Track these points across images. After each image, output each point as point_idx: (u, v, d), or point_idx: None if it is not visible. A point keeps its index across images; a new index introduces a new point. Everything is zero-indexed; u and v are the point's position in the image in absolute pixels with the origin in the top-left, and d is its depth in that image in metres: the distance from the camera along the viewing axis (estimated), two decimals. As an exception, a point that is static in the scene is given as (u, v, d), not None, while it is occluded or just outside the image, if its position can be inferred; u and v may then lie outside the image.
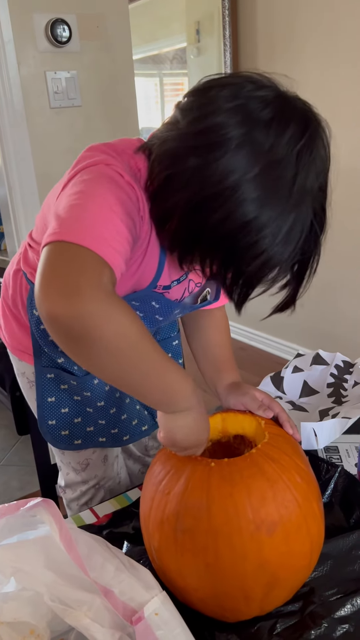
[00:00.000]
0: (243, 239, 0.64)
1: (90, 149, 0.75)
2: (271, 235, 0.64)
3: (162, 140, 0.69)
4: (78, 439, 1.05)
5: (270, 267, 0.68)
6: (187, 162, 0.64)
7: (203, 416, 0.72)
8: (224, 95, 0.64)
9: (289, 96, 0.66)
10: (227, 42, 2.82)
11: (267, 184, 0.62)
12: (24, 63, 1.85)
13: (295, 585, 0.70)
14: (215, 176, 0.63)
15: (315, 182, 0.65)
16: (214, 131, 0.63)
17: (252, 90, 0.64)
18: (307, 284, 0.74)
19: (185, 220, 0.67)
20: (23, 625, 0.59)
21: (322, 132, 0.67)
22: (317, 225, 0.68)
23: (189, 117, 0.66)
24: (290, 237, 0.65)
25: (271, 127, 0.62)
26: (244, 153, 0.62)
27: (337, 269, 2.62)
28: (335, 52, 2.38)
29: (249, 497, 0.65)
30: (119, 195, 0.67)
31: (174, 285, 0.87)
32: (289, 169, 0.63)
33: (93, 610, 0.58)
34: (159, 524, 0.69)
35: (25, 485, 2.17)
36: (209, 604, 0.68)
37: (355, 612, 0.69)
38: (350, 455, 1.04)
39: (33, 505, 0.63)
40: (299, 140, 0.63)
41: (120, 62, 2.09)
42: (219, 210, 0.63)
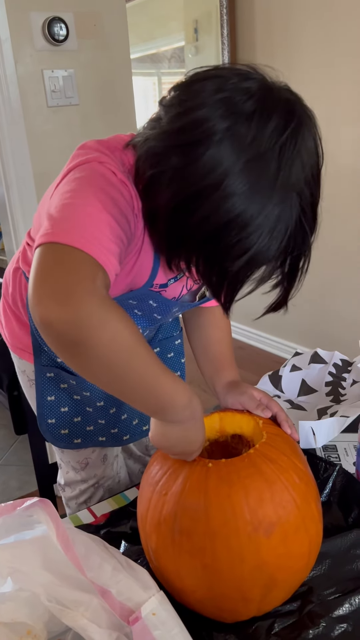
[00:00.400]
0: (226, 237, 0.63)
1: (82, 147, 0.75)
2: (255, 232, 0.62)
3: (144, 138, 0.68)
4: (78, 438, 1.04)
5: (255, 266, 0.66)
6: (169, 162, 0.63)
7: (196, 428, 0.69)
8: (208, 88, 0.63)
9: (274, 87, 0.64)
10: (225, 41, 2.81)
11: (249, 180, 0.61)
12: (21, 61, 1.85)
13: (293, 586, 0.70)
14: (197, 174, 0.61)
15: (301, 176, 0.63)
16: (195, 127, 0.61)
17: (237, 82, 0.63)
18: (299, 284, 0.72)
19: (169, 220, 0.67)
20: (20, 625, 0.58)
21: (309, 123, 0.65)
22: (306, 221, 0.66)
23: (171, 113, 0.65)
24: (275, 234, 0.63)
25: (253, 120, 0.60)
26: (225, 149, 0.60)
27: (336, 268, 2.61)
28: (333, 51, 2.38)
29: (246, 498, 0.64)
30: (112, 194, 0.67)
31: (171, 283, 0.87)
32: (272, 163, 0.61)
33: (90, 610, 0.58)
34: (156, 525, 0.68)
35: (24, 485, 2.17)
36: (207, 605, 0.68)
37: (353, 612, 0.69)
38: (349, 454, 1.04)
39: (30, 505, 0.63)
40: (282, 132, 0.61)
41: (117, 61, 2.08)
42: (202, 209, 0.62)
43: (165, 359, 1.14)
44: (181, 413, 0.67)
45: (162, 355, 1.14)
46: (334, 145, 2.46)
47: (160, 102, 0.68)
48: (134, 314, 0.88)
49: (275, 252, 0.65)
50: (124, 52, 2.11)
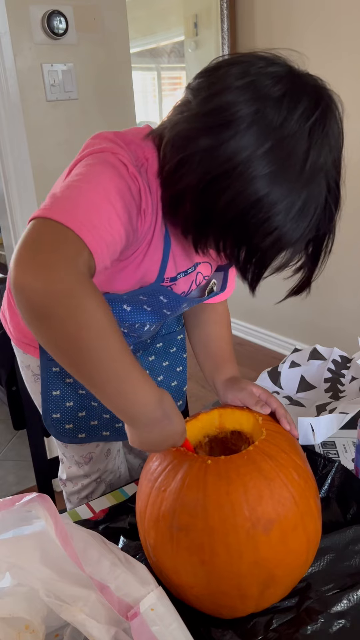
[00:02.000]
0: (255, 216, 0.64)
1: (97, 136, 0.75)
2: (284, 212, 0.63)
3: (173, 124, 0.69)
4: (82, 433, 1.05)
5: (283, 245, 0.67)
6: (199, 143, 0.64)
7: (172, 425, 0.68)
8: (234, 72, 0.64)
9: (300, 72, 0.66)
10: (225, 36, 2.80)
11: (278, 160, 0.62)
12: (20, 55, 1.84)
13: (291, 583, 0.70)
14: (226, 154, 0.62)
15: (329, 158, 0.65)
16: (225, 110, 0.62)
17: (263, 67, 0.64)
18: (323, 264, 0.73)
19: (197, 201, 0.67)
20: (18, 620, 0.58)
21: (335, 107, 0.66)
22: (332, 202, 0.67)
23: (200, 96, 0.66)
24: (303, 214, 0.64)
25: (282, 103, 0.62)
26: (254, 130, 0.62)
27: (335, 265, 2.61)
28: (334, 45, 2.37)
29: (245, 494, 0.64)
30: (119, 186, 0.67)
31: (180, 277, 0.87)
32: (300, 144, 0.62)
33: (88, 605, 0.58)
34: (154, 521, 0.68)
35: (22, 480, 2.17)
36: (205, 601, 0.68)
37: (351, 607, 0.69)
38: (348, 450, 1.04)
39: (28, 500, 0.63)
40: (311, 115, 0.63)
41: (117, 55, 2.07)
42: (230, 188, 0.63)
43: (168, 353, 1.15)
44: (153, 414, 0.66)
45: (165, 350, 1.14)
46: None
47: (188, 87, 0.69)
48: (144, 309, 0.87)
49: (303, 232, 0.66)
50: (124, 47, 2.10)
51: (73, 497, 1.13)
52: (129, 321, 0.88)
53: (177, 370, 1.16)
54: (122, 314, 0.87)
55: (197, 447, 0.83)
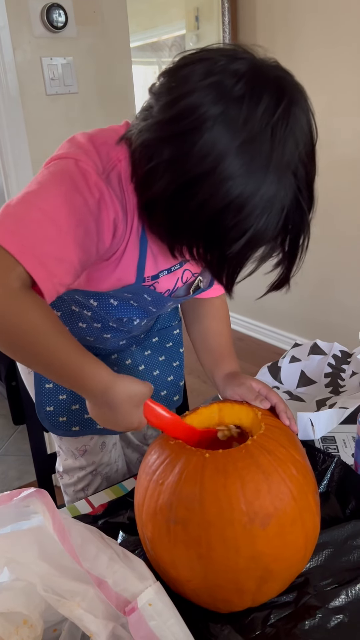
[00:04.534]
0: (224, 221, 0.63)
1: (71, 139, 0.75)
2: (252, 214, 0.63)
3: (138, 131, 0.68)
4: (76, 426, 1.05)
5: (254, 246, 0.67)
6: (163, 153, 0.63)
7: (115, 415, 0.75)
8: (196, 73, 0.62)
9: (263, 66, 0.64)
10: (227, 29, 2.78)
11: (244, 162, 0.61)
12: (20, 48, 1.83)
13: (289, 578, 0.70)
14: (192, 162, 0.61)
15: (295, 155, 0.63)
16: (186, 116, 0.61)
17: (226, 64, 0.62)
18: (300, 261, 0.72)
19: (166, 210, 0.67)
20: (16, 615, 0.58)
21: (300, 100, 0.64)
22: (302, 199, 0.66)
23: (161, 101, 0.64)
24: (271, 213, 0.63)
25: (244, 102, 0.60)
26: (218, 134, 0.60)
27: (336, 259, 2.60)
28: (335, 38, 2.36)
29: (242, 489, 0.64)
30: (73, 201, 0.68)
31: (163, 274, 0.86)
32: (264, 144, 0.61)
33: (86, 600, 0.58)
34: (152, 515, 0.68)
35: (23, 475, 2.17)
36: (202, 595, 0.68)
37: (349, 603, 0.69)
38: (347, 445, 1.04)
39: (26, 495, 0.63)
40: (274, 112, 0.61)
41: (117, 49, 2.06)
42: (199, 195, 0.62)
43: (164, 348, 1.14)
44: (98, 399, 0.75)
45: (161, 345, 1.14)
46: (334, 134, 2.44)
47: (150, 90, 0.67)
48: (130, 305, 0.88)
49: (273, 232, 0.66)
50: (124, 40, 2.08)
51: (69, 489, 1.13)
52: (116, 315, 0.88)
53: (174, 365, 1.16)
54: (109, 308, 0.88)
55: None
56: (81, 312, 0.92)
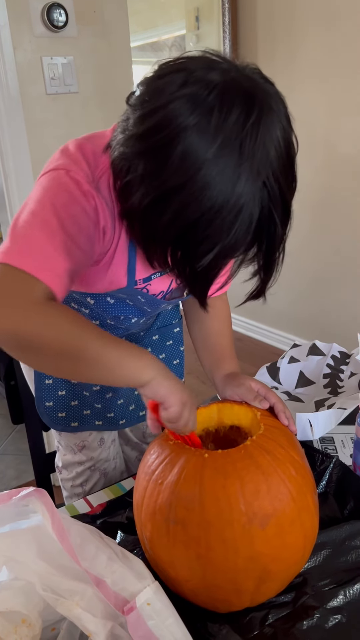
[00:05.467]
0: (193, 236, 0.64)
1: (62, 150, 0.77)
2: (220, 228, 0.62)
3: (116, 143, 0.68)
4: (75, 422, 1.06)
5: (223, 260, 0.67)
6: (138, 167, 0.64)
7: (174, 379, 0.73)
8: (173, 83, 0.61)
9: (238, 76, 0.62)
10: (227, 29, 2.78)
11: (212, 177, 0.60)
12: (20, 48, 1.82)
13: (287, 578, 0.70)
14: (164, 176, 0.62)
15: (267, 168, 0.62)
16: (160, 130, 0.61)
17: (202, 74, 0.61)
18: (276, 274, 0.72)
19: (142, 221, 0.68)
20: (15, 614, 0.58)
21: (272, 113, 0.62)
22: (276, 213, 0.65)
23: (136, 114, 0.64)
24: (239, 227, 0.63)
25: (213, 115, 0.59)
26: (189, 147, 0.60)
27: (335, 260, 2.61)
28: (336, 38, 2.36)
29: (242, 489, 0.64)
30: (71, 210, 0.70)
31: (155, 277, 0.87)
32: (233, 157, 0.60)
33: (85, 600, 0.58)
34: (151, 514, 0.68)
35: (22, 474, 2.17)
36: (200, 595, 0.68)
37: (347, 603, 0.69)
38: (346, 446, 1.04)
39: (25, 494, 0.63)
40: (244, 124, 0.60)
41: (117, 48, 2.06)
42: (170, 209, 0.63)
43: (164, 346, 1.15)
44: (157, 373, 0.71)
45: (161, 343, 1.14)
46: (335, 135, 2.45)
47: (127, 101, 0.68)
48: (126, 303, 0.89)
49: (242, 245, 0.66)
50: (124, 40, 2.08)
51: (67, 484, 1.14)
52: (113, 313, 0.90)
53: (174, 363, 1.17)
54: (105, 306, 0.89)
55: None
56: (79, 309, 0.93)
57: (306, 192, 2.62)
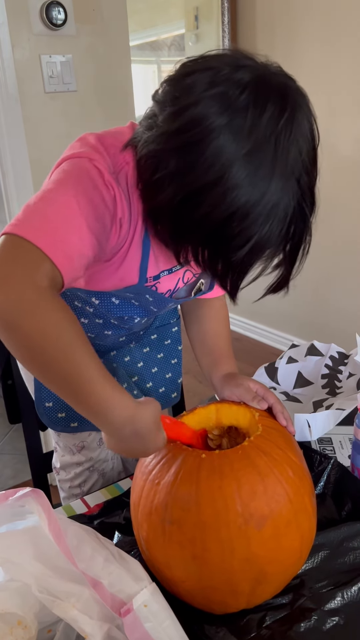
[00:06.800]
0: (229, 229, 0.64)
1: (81, 139, 0.76)
2: (256, 222, 0.63)
3: (143, 140, 0.68)
4: (75, 422, 1.05)
5: (258, 253, 0.68)
6: (168, 165, 0.64)
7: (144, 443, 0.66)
8: (200, 82, 0.62)
9: (266, 74, 0.64)
10: (226, 29, 2.78)
11: (248, 172, 0.62)
12: (18, 46, 1.82)
13: (284, 580, 0.69)
14: (197, 173, 0.62)
15: (299, 162, 0.64)
16: (193, 127, 0.61)
17: (229, 74, 0.62)
18: (300, 265, 0.73)
19: (172, 218, 0.68)
20: (10, 616, 0.58)
21: (303, 106, 0.65)
22: (305, 205, 0.67)
23: (166, 111, 0.65)
24: (275, 221, 0.64)
25: (248, 113, 0.61)
26: (224, 144, 0.61)
27: (334, 260, 2.61)
28: (335, 38, 2.36)
29: (238, 490, 0.64)
30: (92, 197, 0.68)
31: (163, 275, 0.87)
32: (268, 153, 0.62)
33: (81, 601, 0.57)
34: (147, 514, 0.68)
35: (18, 474, 2.17)
36: (196, 596, 0.68)
37: (345, 605, 0.69)
38: (344, 446, 1.04)
39: (22, 495, 0.62)
40: (278, 121, 0.61)
41: (116, 47, 2.05)
42: (204, 205, 0.63)
43: (163, 345, 1.15)
44: (120, 429, 0.64)
45: (159, 342, 1.14)
46: (335, 136, 2.44)
47: (154, 98, 0.68)
48: (132, 304, 0.89)
49: (277, 238, 0.67)
50: (123, 39, 2.08)
51: (65, 485, 1.14)
52: (117, 314, 0.89)
53: (172, 362, 1.17)
54: (110, 306, 0.88)
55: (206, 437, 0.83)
56: (84, 308, 0.92)
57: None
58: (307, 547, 0.70)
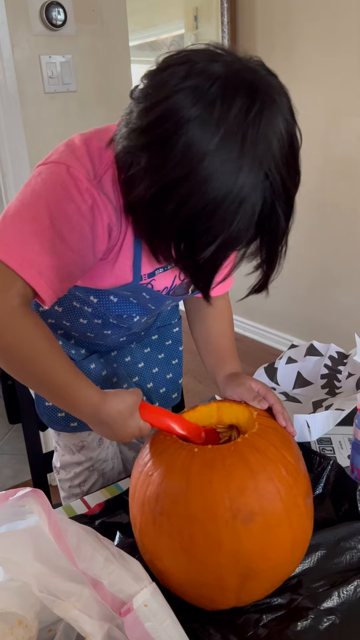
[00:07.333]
0: (196, 227, 0.64)
1: (67, 143, 0.76)
2: (222, 219, 0.63)
3: (119, 137, 0.68)
4: (74, 421, 1.05)
5: (226, 251, 0.67)
6: (141, 160, 0.64)
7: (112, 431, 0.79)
8: (176, 75, 0.61)
9: (240, 69, 0.62)
10: (226, 29, 2.78)
11: (216, 169, 0.61)
12: (18, 46, 1.82)
13: (275, 579, 0.69)
14: (168, 168, 0.62)
15: (269, 160, 0.62)
16: (162, 123, 0.61)
17: (204, 66, 0.61)
18: (279, 267, 0.72)
19: (146, 214, 0.68)
20: (11, 615, 0.58)
21: (279, 103, 0.63)
22: (279, 206, 0.65)
23: (139, 107, 0.65)
24: (241, 219, 0.63)
25: (215, 107, 0.59)
26: (193, 139, 0.60)
27: (334, 260, 2.61)
28: (335, 38, 2.36)
29: (227, 485, 0.64)
30: (65, 209, 0.70)
31: (158, 272, 0.87)
32: (235, 148, 0.60)
33: (82, 601, 0.58)
34: (140, 505, 0.70)
35: (18, 474, 2.17)
36: (187, 590, 0.68)
37: (341, 604, 0.69)
38: (344, 447, 1.04)
39: (22, 495, 0.62)
40: (245, 117, 0.60)
41: (116, 47, 2.05)
42: (173, 200, 0.63)
43: (163, 346, 1.15)
44: (91, 419, 0.79)
45: (160, 342, 1.14)
46: (334, 135, 2.45)
47: (131, 95, 0.68)
48: (130, 302, 0.89)
49: (245, 237, 0.66)
50: (123, 39, 2.08)
51: (65, 485, 1.14)
52: (116, 312, 0.89)
53: (173, 362, 1.17)
54: (109, 304, 0.88)
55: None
56: (82, 308, 0.93)
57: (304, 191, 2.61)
58: (300, 548, 0.70)
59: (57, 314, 0.97)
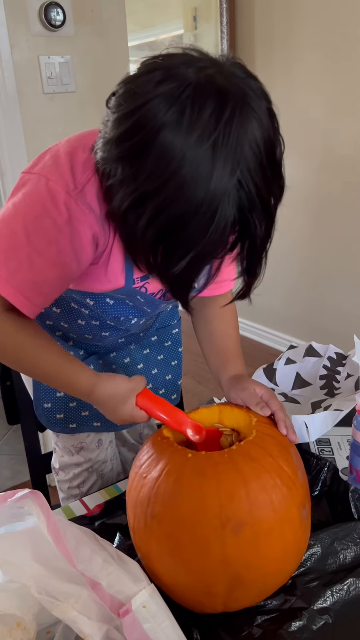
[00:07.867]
0: (170, 238, 0.63)
1: (50, 150, 0.76)
2: (193, 232, 0.62)
3: (97, 147, 0.68)
4: (73, 423, 1.05)
5: (200, 264, 0.66)
6: (116, 172, 0.64)
7: (106, 411, 0.85)
8: (151, 81, 0.60)
9: (212, 72, 0.60)
10: (225, 30, 2.78)
11: (186, 181, 0.59)
12: (17, 47, 1.82)
13: (264, 589, 0.69)
14: (138, 182, 0.61)
15: (243, 168, 0.59)
16: (134, 135, 0.60)
17: (177, 72, 0.60)
18: (260, 275, 0.72)
19: (122, 225, 0.68)
20: (9, 617, 0.58)
21: (255, 108, 0.60)
22: (256, 216, 0.63)
23: (114, 117, 0.64)
24: (213, 230, 0.61)
25: (185, 114, 0.57)
26: (163, 152, 0.59)
27: (332, 261, 2.61)
28: (334, 38, 2.36)
29: (218, 492, 0.64)
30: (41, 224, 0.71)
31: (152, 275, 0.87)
32: (206, 159, 0.58)
33: (80, 602, 0.58)
34: (134, 506, 0.70)
35: (17, 475, 2.17)
36: (175, 591, 0.68)
37: (334, 604, 0.69)
38: (342, 448, 1.04)
39: (21, 496, 0.62)
40: (216, 124, 0.58)
41: (115, 48, 2.06)
42: (146, 213, 0.62)
43: (163, 347, 1.15)
44: (88, 399, 0.85)
45: (160, 344, 1.14)
46: (333, 136, 2.45)
47: (107, 104, 0.67)
48: (126, 304, 0.89)
49: (219, 249, 0.65)
50: (122, 39, 2.08)
51: (64, 486, 1.14)
52: (112, 314, 0.89)
53: (172, 364, 1.17)
54: (105, 307, 0.89)
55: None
56: (79, 310, 0.93)
57: (303, 192, 2.62)
58: (292, 559, 0.69)
59: (55, 315, 0.97)
